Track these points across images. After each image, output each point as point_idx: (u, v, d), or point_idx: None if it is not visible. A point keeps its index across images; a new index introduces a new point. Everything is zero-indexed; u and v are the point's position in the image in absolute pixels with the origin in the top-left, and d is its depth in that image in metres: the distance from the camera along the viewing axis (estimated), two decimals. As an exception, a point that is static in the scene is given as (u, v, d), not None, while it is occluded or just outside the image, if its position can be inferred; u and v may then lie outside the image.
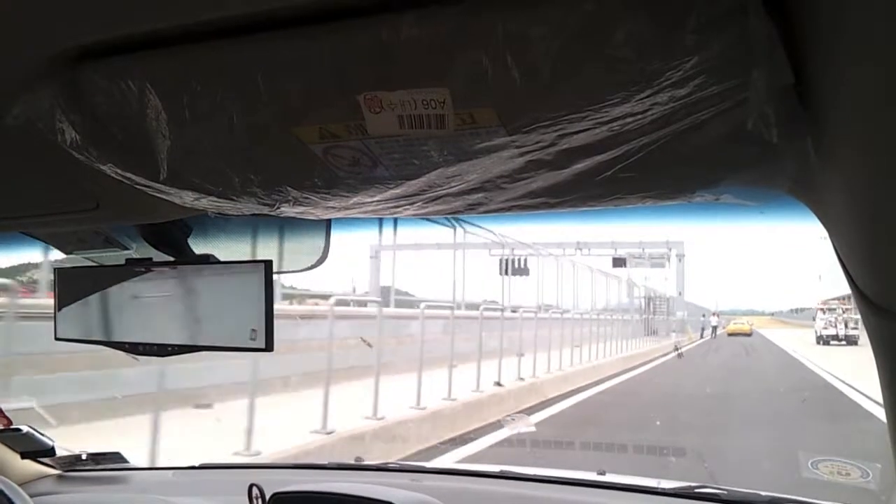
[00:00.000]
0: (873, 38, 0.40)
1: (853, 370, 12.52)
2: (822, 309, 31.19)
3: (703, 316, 42.84)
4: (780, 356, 23.01)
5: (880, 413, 0.86)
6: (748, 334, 41.83)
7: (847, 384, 12.23)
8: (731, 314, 61.91)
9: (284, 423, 6.47)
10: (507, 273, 20.06)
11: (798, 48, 0.47)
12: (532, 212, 0.77)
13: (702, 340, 36.67)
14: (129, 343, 1.11)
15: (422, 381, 8.10)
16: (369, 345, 8.34)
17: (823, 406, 10.35)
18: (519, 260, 20.55)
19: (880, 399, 0.73)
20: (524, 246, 19.69)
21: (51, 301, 1.20)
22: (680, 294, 40.85)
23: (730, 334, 41.65)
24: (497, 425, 7.68)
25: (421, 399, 8.01)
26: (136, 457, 2.19)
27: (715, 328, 38.58)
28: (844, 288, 0.67)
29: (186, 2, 0.51)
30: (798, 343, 28.86)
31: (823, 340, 29.10)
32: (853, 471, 2.13)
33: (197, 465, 2.14)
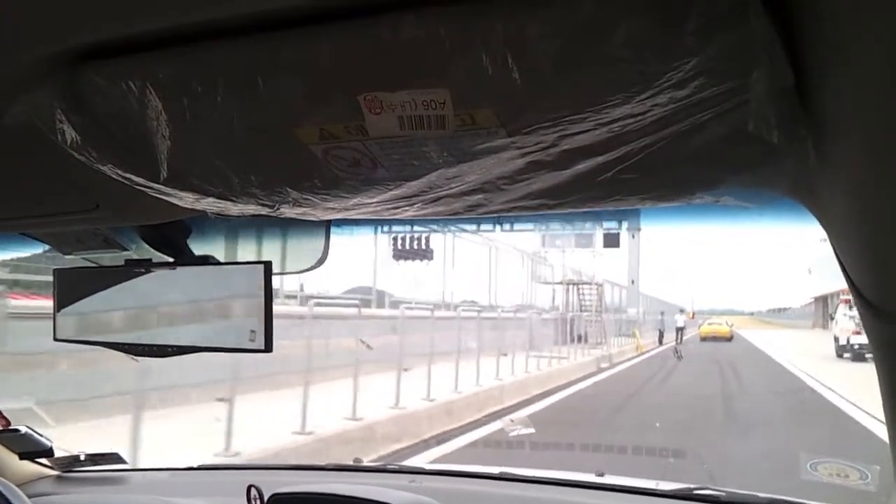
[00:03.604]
0: (873, 40, 0.40)
1: None
2: (846, 301, 17.53)
3: (662, 314, 30.97)
4: (805, 404, 10.78)
5: None
6: (727, 338, 31.46)
7: None
8: (709, 314, 57.74)
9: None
10: (403, 257, 15.14)
11: (798, 49, 0.47)
12: (532, 213, 0.77)
13: (658, 350, 24.87)
14: (128, 344, 1.11)
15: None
16: (369, 346, 8.26)
17: None
18: (419, 240, 15.10)
19: None
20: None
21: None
22: (633, 283, 29.63)
23: (703, 338, 31.64)
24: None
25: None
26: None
27: (681, 330, 26.59)
28: (837, 284, 0.65)
29: (186, 3, 0.51)
30: (805, 354, 18.48)
31: (853, 353, 16.54)
32: (852, 472, 2.13)
33: (195, 465, 2.14)
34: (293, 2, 0.50)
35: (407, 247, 15.21)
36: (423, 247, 15.45)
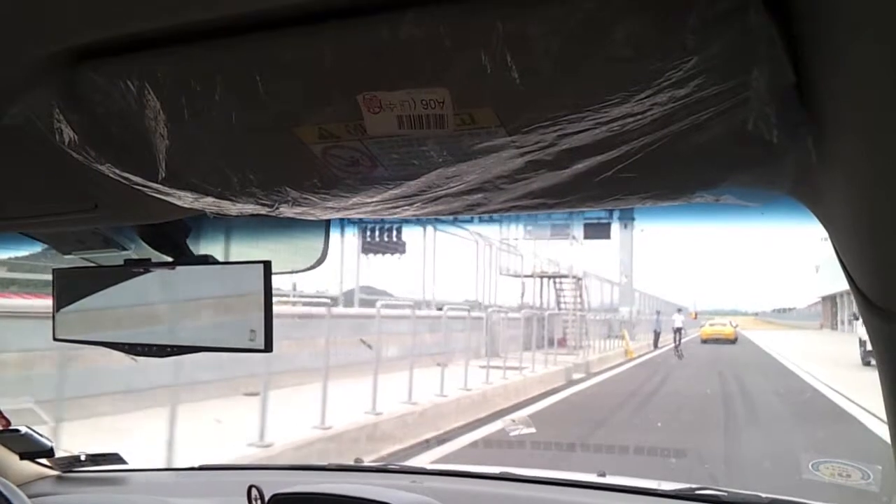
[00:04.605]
0: (874, 38, 0.40)
1: None
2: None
3: (658, 313, 27.89)
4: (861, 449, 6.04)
5: None
6: (731, 340, 29.34)
7: None
8: (712, 314, 56.65)
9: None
10: (373, 251, 13.18)
11: (798, 48, 0.47)
12: (531, 212, 0.77)
13: (652, 354, 22.02)
14: (127, 344, 1.11)
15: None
16: (369, 346, 8.22)
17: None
18: (389, 231, 13.12)
19: None
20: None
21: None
22: (626, 279, 27.35)
23: (704, 340, 29.68)
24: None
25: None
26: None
27: (679, 332, 23.43)
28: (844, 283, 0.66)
29: (185, 1, 0.51)
30: (823, 361, 15.77)
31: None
32: (854, 472, 2.12)
33: (196, 466, 2.14)
34: (292, 1, 0.50)
35: (377, 240, 13.31)
36: (395, 240, 13.41)
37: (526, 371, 12.85)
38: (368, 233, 13.55)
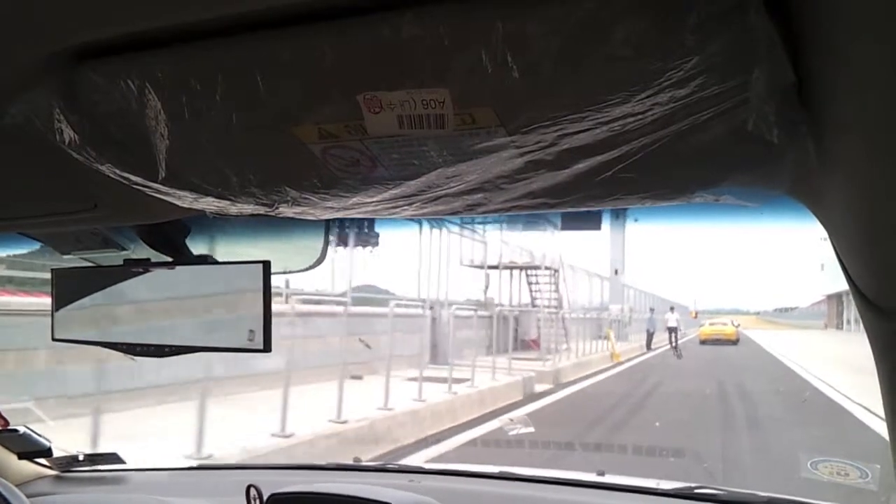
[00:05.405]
0: (874, 38, 0.40)
1: None
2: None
3: (651, 311, 25.53)
4: None
5: None
6: (733, 341, 27.19)
7: None
8: (713, 313, 55.87)
9: None
10: (345, 244, 11.05)
11: (798, 48, 0.47)
12: (532, 212, 0.77)
13: (643, 357, 19.60)
14: (126, 344, 1.11)
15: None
16: (368, 346, 8.20)
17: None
18: (361, 224, 8.95)
19: None
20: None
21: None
22: (617, 273, 24.97)
23: (703, 341, 27.66)
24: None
25: None
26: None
27: (674, 331, 22.09)
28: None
29: (185, 1, 0.51)
30: (840, 366, 13.31)
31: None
32: (852, 471, 2.13)
33: (195, 465, 2.14)
34: (292, 0, 0.50)
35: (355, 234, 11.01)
36: (367, 231, 11.08)
37: (462, 386, 9.41)
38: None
